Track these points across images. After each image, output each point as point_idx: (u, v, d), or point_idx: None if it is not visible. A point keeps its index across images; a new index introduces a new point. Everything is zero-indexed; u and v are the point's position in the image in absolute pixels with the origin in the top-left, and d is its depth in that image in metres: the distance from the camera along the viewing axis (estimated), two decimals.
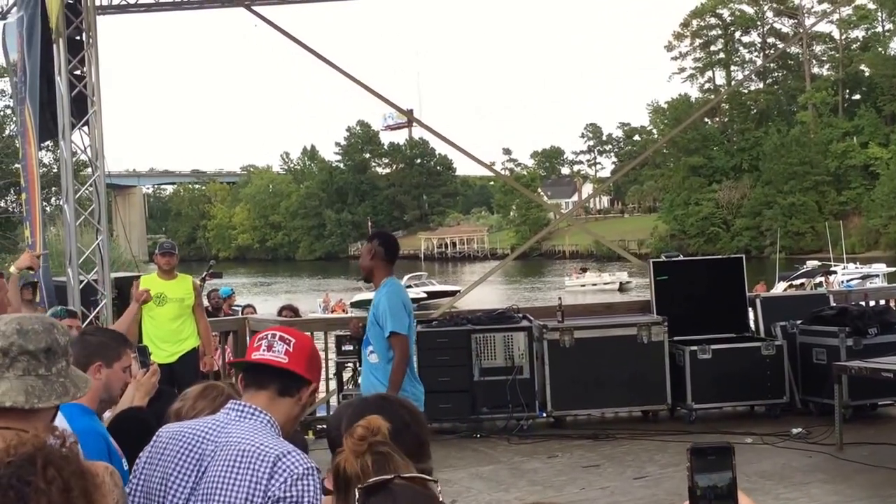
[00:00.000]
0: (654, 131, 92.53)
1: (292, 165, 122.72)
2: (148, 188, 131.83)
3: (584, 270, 67.25)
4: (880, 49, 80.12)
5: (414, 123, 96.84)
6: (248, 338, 9.97)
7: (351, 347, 9.61)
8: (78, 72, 9.26)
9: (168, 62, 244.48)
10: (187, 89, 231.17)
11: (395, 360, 5.80)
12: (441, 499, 1.95)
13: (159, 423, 2.78)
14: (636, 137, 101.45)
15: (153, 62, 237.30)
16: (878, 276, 44.42)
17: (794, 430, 8.64)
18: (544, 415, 9.55)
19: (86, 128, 9.42)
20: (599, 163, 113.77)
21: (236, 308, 13.97)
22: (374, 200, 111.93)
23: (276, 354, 2.55)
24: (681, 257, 11.88)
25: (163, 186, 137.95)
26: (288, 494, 2.33)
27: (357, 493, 1.86)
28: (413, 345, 6.18)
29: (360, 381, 6.24)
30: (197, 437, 2.46)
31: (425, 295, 53.40)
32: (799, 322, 9.59)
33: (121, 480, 2.42)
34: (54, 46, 8.99)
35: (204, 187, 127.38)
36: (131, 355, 3.73)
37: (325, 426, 8.98)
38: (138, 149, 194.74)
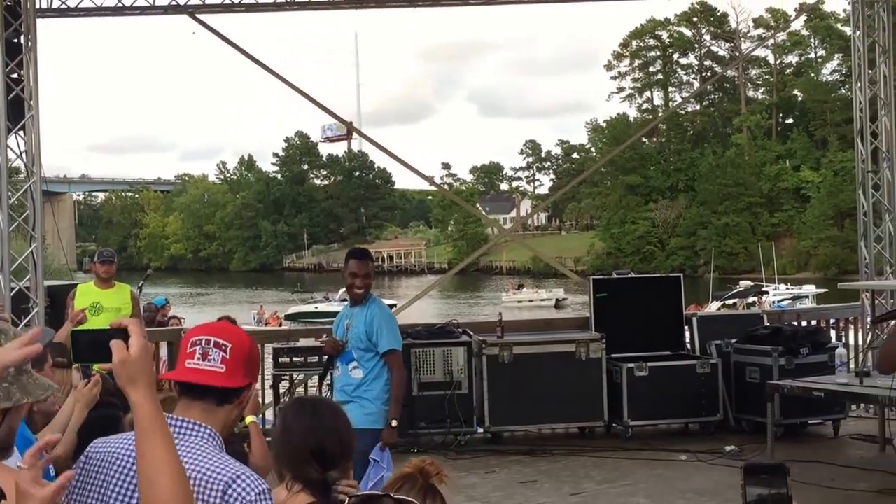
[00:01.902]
0: (593, 149, 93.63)
1: (229, 175, 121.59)
2: (79, 195, 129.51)
3: (521, 286, 67.61)
4: (813, 75, 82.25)
5: (353, 136, 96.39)
6: None
7: (287, 360, 9.54)
8: (15, 75, 9.07)
9: (102, 67, 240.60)
10: (122, 95, 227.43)
11: (396, 377, 5.91)
12: None
13: (106, 432, 2.69)
14: (575, 155, 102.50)
15: (85, 66, 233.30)
16: (807, 297, 45.43)
17: (728, 448, 8.77)
18: (482, 430, 9.57)
19: (21, 132, 9.22)
20: (538, 179, 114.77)
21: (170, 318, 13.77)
22: (311, 212, 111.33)
23: (212, 364, 2.36)
24: (632, 275, 12.06)
25: (94, 194, 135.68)
26: None
27: (347, 502, 1.93)
28: None
29: (334, 395, 6.17)
30: (131, 458, 2.28)
31: None
32: (734, 341, 9.76)
33: None
34: None
35: (137, 195, 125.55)
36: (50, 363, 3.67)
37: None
38: (69, 154, 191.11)
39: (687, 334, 10.33)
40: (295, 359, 9.53)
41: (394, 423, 5.82)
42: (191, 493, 1.99)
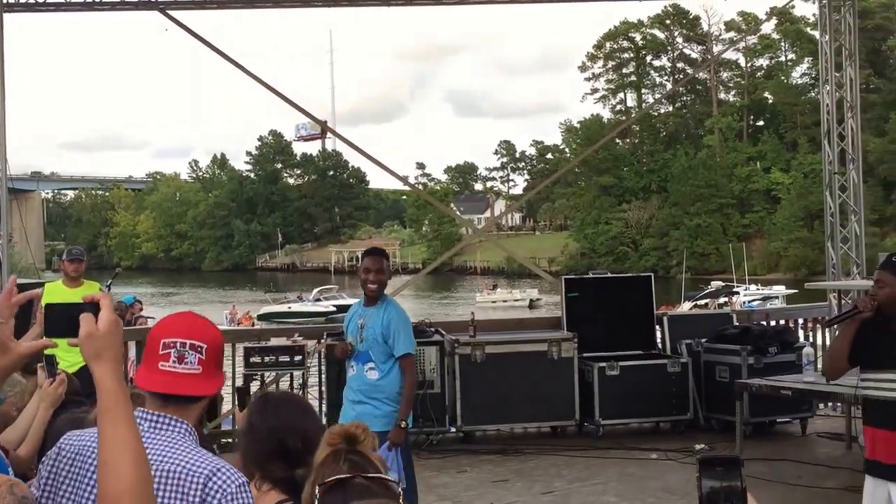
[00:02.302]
0: (567, 150, 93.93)
1: (201, 174, 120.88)
2: (47, 193, 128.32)
3: (496, 287, 67.75)
4: (783, 78, 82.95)
5: (328, 135, 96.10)
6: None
7: (259, 359, 9.49)
8: None
9: (74, 63, 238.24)
10: (93, 92, 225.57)
11: (409, 379, 5.96)
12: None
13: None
14: (549, 156, 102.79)
15: (56, 63, 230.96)
16: (777, 297, 45.81)
17: (698, 446, 8.84)
18: (454, 430, 9.58)
19: None
20: (512, 180, 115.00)
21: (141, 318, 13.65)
22: (284, 212, 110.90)
23: (189, 367, 2.33)
24: (609, 274, 12.14)
25: (63, 192, 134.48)
26: None
27: (316, 490, 1.87)
28: None
29: (345, 394, 6.22)
30: None
31: (335, 309, 53.11)
32: (703, 340, 9.83)
33: (27, 490, 2.29)
34: None
35: (107, 193, 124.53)
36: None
37: (230, 440, 8.85)
38: (38, 151, 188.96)
39: (658, 334, 10.39)
40: (266, 358, 9.49)
41: (403, 423, 5.89)
42: (150, 481, 1.91)
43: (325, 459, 2.14)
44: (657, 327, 10.36)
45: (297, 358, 9.30)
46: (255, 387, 9.83)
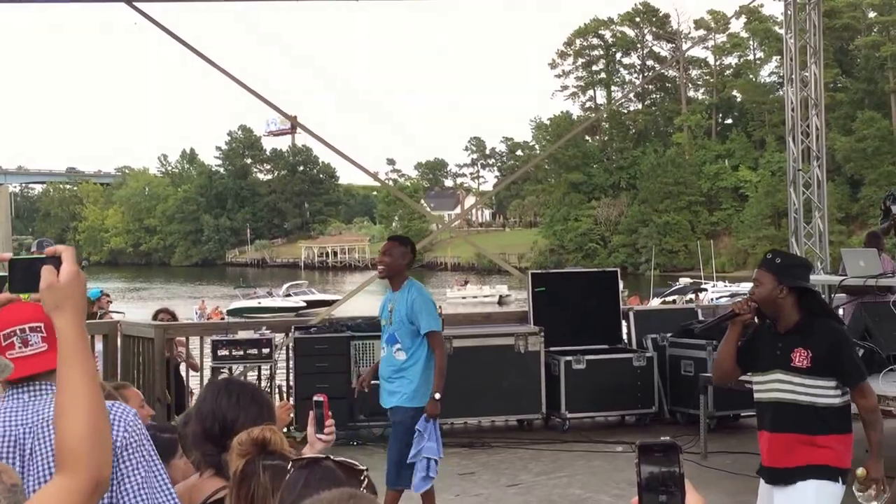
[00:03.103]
0: (537, 147, 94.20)
1: (170, 168, 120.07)
2: (15, 187, 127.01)
3: (467, 282, 67.89)
4: (751, 76, 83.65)
5: (297, 130, 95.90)
6: (118, 341, 9.71)
7: (227, 352, 9.49)
8: None
9: (42, 57, 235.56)
10: (61, 85, 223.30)
11: (439, 354, 6.26)
12: (364, 488, 1.94)
13: None
14: (519, 152, 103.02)
15: (24, 56, 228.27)
16: (745, 294, 46.15)
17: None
18: None
19: None
20: (482, 176, 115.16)
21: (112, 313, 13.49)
22: (254, 207, 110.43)
23: (36, 347, 2.48)
24: (581, 270, 12.21)
25: (31, 185, 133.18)
26: (131, 440, 2.40)
27: (290, 465, 1.92)
28: None
29: (380, 373, 6.48)
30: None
31: (304, 304, 53.02)
32: (669, 335, 9.93)
33: (16, 478, 2.29)
34: None
35: (76, 187, 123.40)
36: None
37: None
38: (5, 145, 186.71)
39: (624, 328, 10.48)
40: (234, 351, 9.48)
41: (437, 395, 6.19)
42: (107, 427, 1.96)
43: (243, 470, 2.15)
44: (623, 322, 10.46)
45: (265, 351, 9.31)
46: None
